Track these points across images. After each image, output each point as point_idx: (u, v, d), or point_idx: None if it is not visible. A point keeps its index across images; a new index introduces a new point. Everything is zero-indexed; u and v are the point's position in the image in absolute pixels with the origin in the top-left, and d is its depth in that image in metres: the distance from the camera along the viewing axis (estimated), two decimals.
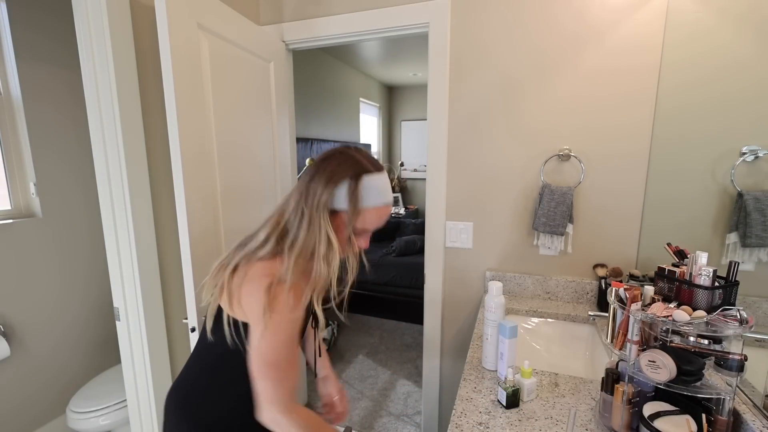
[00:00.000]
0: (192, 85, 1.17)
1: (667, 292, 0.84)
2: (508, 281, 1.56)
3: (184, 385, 0.87)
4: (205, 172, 1.23)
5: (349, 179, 0.76)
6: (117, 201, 1.27)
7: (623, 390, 0.77)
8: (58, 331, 2.05)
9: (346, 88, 4.81)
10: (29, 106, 1.88)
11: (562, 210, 1.40)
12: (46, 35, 1.94)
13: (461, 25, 1.51)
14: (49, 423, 2.00)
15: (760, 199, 0.92)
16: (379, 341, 3.14)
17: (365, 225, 0.79)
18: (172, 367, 1.43)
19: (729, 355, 0.71)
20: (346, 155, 0.79)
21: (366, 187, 0.76)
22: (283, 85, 1.75)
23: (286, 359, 0.74)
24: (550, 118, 1.45)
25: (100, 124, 1.23)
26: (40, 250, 1.95)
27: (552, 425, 0.84)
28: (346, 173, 0.76)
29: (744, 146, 0.97)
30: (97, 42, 1.19)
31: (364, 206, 0.77)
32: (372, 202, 0.77)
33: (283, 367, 0.74)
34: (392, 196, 0.82)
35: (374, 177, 0.78)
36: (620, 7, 1.31)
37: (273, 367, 0.74)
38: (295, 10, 1.74)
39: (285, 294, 0.73)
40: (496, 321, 1.04)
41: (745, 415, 0.76)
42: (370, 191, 0.77)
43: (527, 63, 1.45)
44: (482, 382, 1.02)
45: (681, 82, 1.24)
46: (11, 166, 1.90)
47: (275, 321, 0.72)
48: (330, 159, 0.79)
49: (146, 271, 1.32)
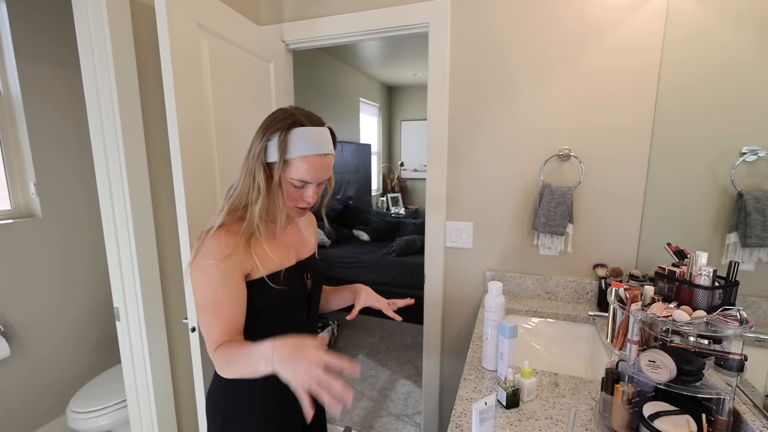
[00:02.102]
0: (192, 85, 1.17)
1: (667, 292, 0.84)
2: (508, 281, 1.56)
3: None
4: (205, 173, 1.23)
5: (279, 131, 0.79)
6: (117, 201, 1.27)
7: (623, 390, 0.76)
8: (59, 331, 2.05)
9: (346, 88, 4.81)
10: (29, 106, 1.88)
11: (562, 210, 1.40)
12: (46, 35, 1.94)
13: (461, 24, 1.50)
14: (49, 423, 2.00)
15: (760, 199, 0.92)
16: (379, 341, 3.14)
17: (300, 176, 0.80)
18: (172, 367, 1.43)
19: (729, 355, 0.71)
20: (283, 110, 0.83)
21: (295, 138, 0.78)
22: (283, 85, 1.75)
23: (212, 304, 0.78)
24: (550, 118, 1.45)
25: (100, 124, 1.23)
26: (40, 250, 1.95)
27: (552, 425, 0.84)
28: (278, 125, 0.79)
29: (744, 146, 0.97)
30: (97, 42, 1.19)
31: (292, 156, 0.79)
32: (300, 152, 0.79)
33: (209, 312, 0.78)
34: (327, 149, 0.83)
35: (306, 129, 0.80)
36: (620, 7, 1.31)
37: (200, 311, 0.79)
38: (295, 10, 1.74)
39: (210, 239, 0.78)
40: (496, 321, 1.04)
41: (745, 415, 0.76)
42: (299, 142, 0.79)
43: (527, 63, 1.45)
44: (482, 382, 1.02)
45: (681, 82, 1.24)
46: (11, 166, 1.90)
47: (197, 266, 0.78)
48: (269, 115, 0.83)
49: (146, 270, 1.32)
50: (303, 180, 0.81)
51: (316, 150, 0.80)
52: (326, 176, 0.85)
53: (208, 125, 1.25)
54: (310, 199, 0.85)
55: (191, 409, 1.51)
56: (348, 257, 3.50)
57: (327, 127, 0.85)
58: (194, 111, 1.18)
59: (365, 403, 2.35)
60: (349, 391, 0.65)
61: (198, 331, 1.06)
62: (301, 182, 0.81)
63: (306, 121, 0.81)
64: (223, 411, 0.88)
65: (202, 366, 1.18)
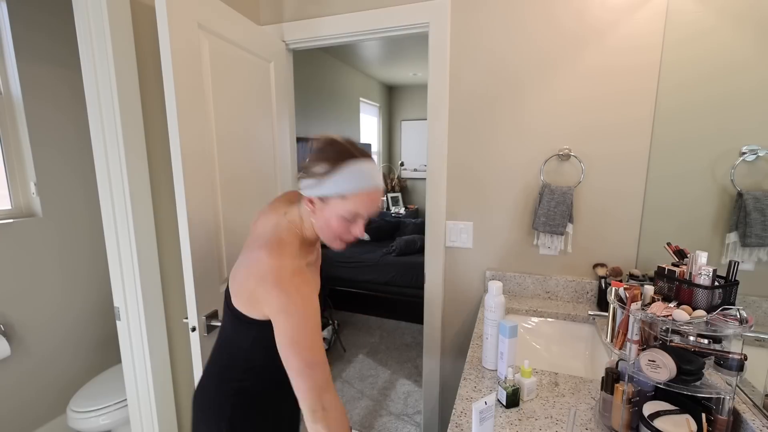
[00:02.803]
0: (192, 84, 1.17)
1: (666, 291, 0.84)
2: (508, 281, 1.57)
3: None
4: (205, 172, 1.23)
5: (335, 166, 0.78)
6: (117, 200, 1.27)
7: (623, 389, 0.77)
8: (59, 330, 2.05)
9: (346, 88, 4.81)
10: (29, 106, 1.88)
11: (562, 210, 1.40)
12: (46, 35, 1.94)
13: (461, 24, 1.51)
14: (49, 422, 2.00)
15: (760, 199, 0.92)
16: (379, 341, 3.14)
17: (356, 209, 0.80)
18: (172, 367, 1.43)
19: (729, 354, 0.72)
20: (335, 142, 0.82)
21: (352, 173, 0.78)
22: (283, 84, 1.75)
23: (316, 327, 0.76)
24: (550, 117, 1.45)
25: (100, 124, 1.23)
26: (41, 250, 1.96)
27: (552, 425, 0.84)
28: (333, 160, 0.78)
29: (744, 146, 0.97)
30: (97, 41, 1.19)
31: (348, 192, 0.78)
32: (358, 187, 0.78)
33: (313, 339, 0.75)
34: (381, 182, 0.82)
35: (362, 163, 0.79)
36: (620, 7, 1.31)
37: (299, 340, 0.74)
38: (295, 10, 1.74)
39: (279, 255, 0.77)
40: (496, 320, 1.04)
41: (744, 415, 0.76)
42: (356, 176, 0.78)
43: (527, 63, 1.45)
44: (482, 381, 1.02)
45: (681, 82, 1.24)
46: (11, 166, 1.90)
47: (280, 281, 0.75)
48: (322, 145, 0.82)
49: (146, 270, 1.32)
50: (358, 213, 0.80)
51: (372, 183, 0.80)
52: (376, 212, 0.83)
53: (208, 125, 1.25)
54: (359, 233, 0.84)
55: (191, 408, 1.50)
56: (348, 257, 3.50)
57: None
58: (194, 110, 1.18)
59: (365, 403, 2.36)
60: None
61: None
62: (354, 215, 0.81)
63: (357, 153, 0.80)
64: (232, 405, 0.87)
65: (202, 366, 1.18)
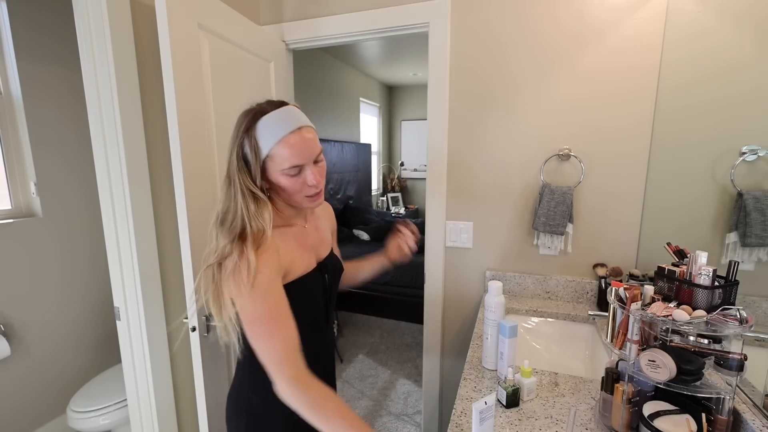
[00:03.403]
0: (192, 84, 1.17)
1: (666, 291, 0.84)
2: (508, 281, 1.57)
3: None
4: (205, 172, 1.23)
5: (246, 132, 0.74)
6: (117, 200, 1.27)
7: (623, 389, 0.77)
8: (59, 330, 2.05)
9: (346, 88, 4.81)
10: (29, 106, 1.88)
11: (562, 210, 1.40)
12: (46, 35, 1.94)
13: (461, 24, 1.51)
14: (49, 422, 2.00)
15: (760, 199, 0.92)
16: (379, 341, 3.14)
17: (288, 161, 0.74)
18: (172, 367, 1.43)
19: (729, 354, 0.72)
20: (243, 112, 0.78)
21: (262, 128, 0.73)
22: (283, 84, 1.75)
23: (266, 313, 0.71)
24: (550, 117, 1.45)
25: (100, 124, 1.23)
26: (41, 250, 1.96)
27: (552, 425, 0.84)
28: (242, 127, 0.74)
29: (744, 146, 0.97)
30: (97, 41, 1.19)
31: (269, 147, 0.73)
32: (274, 138, 0.73)
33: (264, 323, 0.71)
34: (301, 122, 0.76)
35: (269, 115, 0.74)
36: (620, 7, 1.31)
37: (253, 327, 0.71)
38: (295, 10, 1.74)
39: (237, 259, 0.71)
40: (496, 320, 1.04)
41: (744, 415, 0.76)
42: (268, 130, 0.73)
43: (527, 63, 1.45)
44: (482, 381, 1.02)
45: (681, 82, 1.24)
46: (11, 166, 1.90)
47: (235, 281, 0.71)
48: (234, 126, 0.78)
49: (146, 270, 1.32)
50: (294, 164, 0.74)
51: (289, 127, 0.74)
52: (315, 151, 0.77)
53: (208, 125, 1.25)
54: (313, 181, 0.77)
55: (191, 408, 1.51)
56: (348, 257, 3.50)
57: (293, 105, 0.79)
58: (194, 110, 1.18)
59: (365, 403, 2.36)
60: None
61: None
62: (294, 168, 0.75)
63: (267, 107, 0.76)
64: (247, 413, 0.84)
65: (202, 365, 1.18)
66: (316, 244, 0.91)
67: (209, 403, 1.22)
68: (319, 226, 0.96)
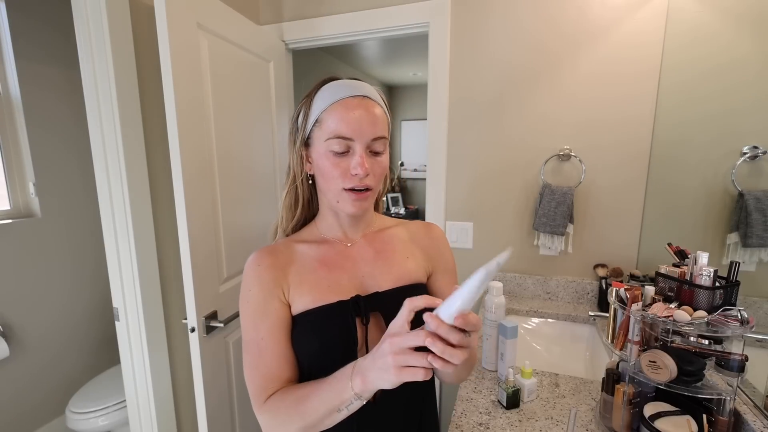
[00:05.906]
0: (191, 84, 1.17)
1: (667, 292, 0.84)
2: (509, 281, 1.56)
3: None
4: (204, 172, 1.23)
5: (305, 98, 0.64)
6: (116, 201, 1.26)
7: (624, 390, 0.76)
8: (58, 331, 2.05)
9: None
10: (28, 106, 1.88)
11: (562, 210, 1.40)
12: (45, 35, 1.94)
13: (461, 24, 1.50)
14: (48, 423, 2.00)
15: (761, 199, 0.92)
16: None
17: (336, 129, 0.59)
18: (171, 368, 1.43)
19: (730, 355, 0.71)
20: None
21: (323, 91, 0.62)
22: (283, 84, 1.74)
23: (253, 340, 0.62)
24: (550, 118, 1.45)
25: (99, 124, 1.23)
26: (40, 251, 1.95)
27: (552, 425, 0.84)
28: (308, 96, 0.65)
29: (745, 146, 0.97)
30: (96, 42, 1.18)
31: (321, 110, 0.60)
32: (329, 100, 0.60)
33: (250, 351, 0.62)
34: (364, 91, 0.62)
35: (338, 81, 0.63)
36: (620, 7, 1.31)
37: (244, 352, 0.64)
38: (294, 9, 1.74)
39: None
40: (497, 321, 1.04)
41: (745, 416, 0.75)
42: (328, 91, 0.61)
43: (527, 63, 1.44)
44: (482, 382, 1.01)
45: (681, 82, 1.24)
46: (10, 166, 1.90)
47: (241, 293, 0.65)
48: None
49: (146, 271, 1.32)
50: (340, 134, 0.58)
51: (353, 92, 0.60)
52: (374, 129, 0.60)
53: (207, 125, 1.25)
54: (358, 168, 0.58)
55: (191, 409, 1.50)
56: None
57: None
58: (194, 111, 1.18)
59: None
60: (459, 336, 0.44)
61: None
62: (339, 140, 0.59)
63: (342, 77, 0.65)
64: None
65: (201, 366, 1.18)
66: (370, 266, 0.68)
67: (208, 404, 1.22)
68: (388, 251, 0.70)
